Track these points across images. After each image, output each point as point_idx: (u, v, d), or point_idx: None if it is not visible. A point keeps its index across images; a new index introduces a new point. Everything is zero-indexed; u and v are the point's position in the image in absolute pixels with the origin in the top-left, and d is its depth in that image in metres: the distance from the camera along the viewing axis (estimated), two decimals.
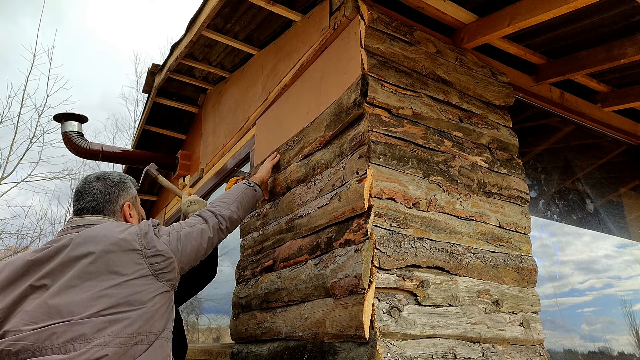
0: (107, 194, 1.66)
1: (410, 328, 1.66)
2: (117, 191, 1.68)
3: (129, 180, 1.76)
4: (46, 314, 1.33)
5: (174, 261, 1.53)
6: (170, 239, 1.57)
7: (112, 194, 1.67)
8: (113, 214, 1.66)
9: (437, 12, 2.17)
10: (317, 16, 2.43)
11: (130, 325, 1.37)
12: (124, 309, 1.38)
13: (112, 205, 1.66)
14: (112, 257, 1.43)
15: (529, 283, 2.11)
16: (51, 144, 12.99)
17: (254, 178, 2.27)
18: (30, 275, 1.42)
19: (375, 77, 1.93)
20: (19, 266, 1.44)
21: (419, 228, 1.84)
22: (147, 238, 1.49)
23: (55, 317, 1.33)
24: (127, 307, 1.38)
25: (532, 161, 3.18)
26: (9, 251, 12.70)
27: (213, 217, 1.81)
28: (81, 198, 1.65)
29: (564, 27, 2.32)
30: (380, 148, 1.83)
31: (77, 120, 3.89)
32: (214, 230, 1.77)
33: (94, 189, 1.65)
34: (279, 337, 2.10)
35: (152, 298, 1.44)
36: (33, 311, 1.34)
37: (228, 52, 3.28)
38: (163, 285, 1.48)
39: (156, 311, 1.44)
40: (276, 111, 2.74)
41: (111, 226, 1.52)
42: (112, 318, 1.35)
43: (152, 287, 1.45)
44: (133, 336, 1.37)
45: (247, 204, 2.05)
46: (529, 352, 1.96)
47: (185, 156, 4.25)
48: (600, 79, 2.83)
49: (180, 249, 1.58)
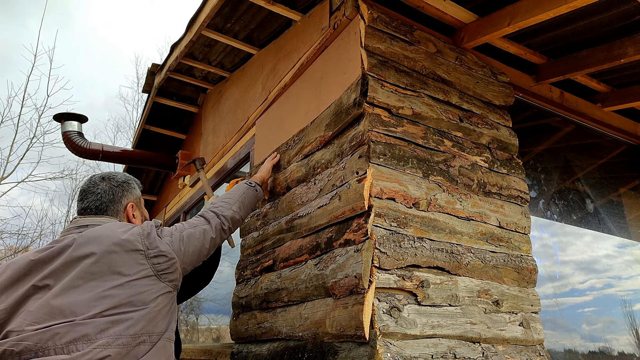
0: (111, 194, 1.66)
1: (410, 328, 1.66)
2: (121, 191, 1.69)
3: (134, 182, 1.76)
4: (49, 314, 1.34)
5: (177, 262, 1.53)
6: (172, 239, 1.57)
7: (116, 194, 1.67)
8: (116, 214, 1.66)
9: (437, 11, 2.17)
10: (317, 16, 2.43)
11: (133, 325, 1.37)
12: (127, 310, 1.38)
13: (116, 206, 1.66)
14: (114, 257, 1.43)
15: (529, 283, 2.11)
16: (51, 144, 13.02)
17: (254, 178, 2.27)
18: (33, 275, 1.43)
19: (375, 77, 1.93)
20: (21, 266, 1.44)
21: (419, 228, 1.84)
22: (149, 238, 1.49)
23: (58, 317, 1.33)
24: (129, 308, 1.39)
25: (532, 161, 3.18)
26: (9, 251, 12.71)
27: (215, 218, 1.81)
28: (85, 197, 1.65)
29: (564, 26, 2.32)
30: (380, 148, 1.83)
31: (77, 120, 3.89)
32: (216, 230, 1.77)
33: (98, 189, 1.66)
34: (279, 337, 2.10)
35: (155, 299, 1.44)
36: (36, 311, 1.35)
37: (228, 51, 3.28)
38: (165, 286, 1.48)
39: (159, 312, 1.44)
40: (276, 111, 2.73)
41: (114, 226, 1.52)
42: (114, 318, 1.35)
43: (154, 287, 1.45)
44: (136, 337, 1.37)
45: (248, 204, 2.05)
46: (529, 352, 1.96)
47: (185, 156, 4.25)
48: (600, 78, 2.82)
49: (183, 249, 1.58)
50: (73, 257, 1.42)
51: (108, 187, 1.67)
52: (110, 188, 1.67)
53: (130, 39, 31.97)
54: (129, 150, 4.34)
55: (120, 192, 1.68)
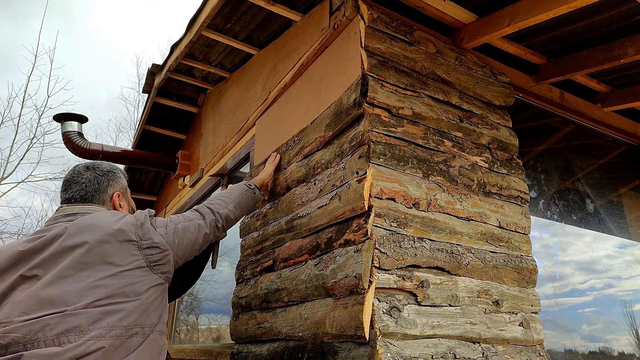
0: (96, 183, 1.63)
1: (410, 328, 1.66)
2: (107, 180, 1.66)
3: (119, 171, 1.74)
4: (38, 305, 1.29)
5: (170, 254, 1.52)
6: (167, 230, 1.56)
7: (102, 184, 1.64)
8: (102, 204, 1.63)
9: (437, 12, 2.16)
10: (317, 16, 2.43)
11: (126, 317, 1.35)
12: (119, 300, 1.35)
13: (101, 195, 1.63)
14: (107, 247, 1.40)
15: (529, 283, 2.11)
16: (52, 144, 13.03)
17: (255, 180, 2.27)
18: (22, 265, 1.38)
19: (375, 77, 1.93)
20: (10, 256, 1.40)
21: (419, 228, 1.84)
22: (143, 229, 1.48)
23: (47, 307, 1.29)
24: (122, 299, 1.36)
25: (532, 161, 3.18)
26: None
27: (210, 214, 1.81)
28: (69, 187, 1.61)
29: (564, 27, 2.32)
30: (380, 148, 1.83)
31: (77, 121, 3.89)
32: (210, 226, 1.78)
33: (83, 178, 1.62)
34: (279, 337, 2.10)
35: (147, 290, 1.42)
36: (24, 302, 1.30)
37: (228, 52, 3.28)
38: (158, 277, 1.47)
39: (151, 303, 1.43)
40: (276, 111, 2.73)
41: (106, 216, 1.49)
42: (107, 309, 1.32)
43: (147, 279, 1.43)
44: (129, 328, 1.35)
45: (245, 205, 2.04)
46: (529, 352, 1.96)
47: (185, 156, 4.25)
48: (600, 79, 2.82)
49: (177, 242, 1.57)
50: (64, 247, 1.39)
51: (93, 177, 1.63)
52: (95, 177, 1.64)
53: (132, 40, 32.01)
54: (129, 151, 4.34)
55: (105, 181, 1.65)
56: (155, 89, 3.87)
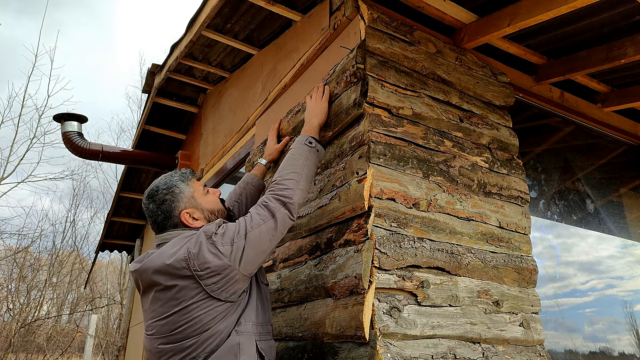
0: (160, 213, 1.62)
1: (410, 328, 1.65)
2: (169, 204, 1.61)
3: (178, 182, 1.64)
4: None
5: (236, 271, 1.47)
6: (233, 248, 1.47)
7: (165, 212, 1.61)
8: (176, 227, 1.62)
9: (437, 12, 2.16)
10: (317, 16, 2.43)
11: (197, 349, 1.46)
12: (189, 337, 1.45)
13: (171, 220, 1.61)
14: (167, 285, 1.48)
15: (529, 283, 2.10)
16: (52, 144, 13.04)
17: (306, 131, 1.93)
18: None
19: (375, 77, 1.93)
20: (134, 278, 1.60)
21: (419, 228, 1.84)
22: (199, 259, 1.44)
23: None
24: (191, 334, 1.45)
25: (532, 161, 3.17)
26: (9, 251, 12.70)
27: (281, 208, 1.60)
28: (147, 218, 1.67)
29: (564, 27, 2.32)
30: (380, 148, 1.83)
31: (77, 121, 3.89)
32: (282, 224, 1.59)
33: (149, 211, 1.64)
34: (278, 337, 2.10)
35: (214, 318, 1.46)
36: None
37: (228, 52, 3.28)
38: (224, 303, 1.48)
39: (216, 328, 1.48)
40: (276, 111, 2.73)
41: (166, 250, 1.52)
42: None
43: (212, 309, 1.47)
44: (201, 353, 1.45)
45: (312, 175, 1.77)
46: (529, 353, 1.96)
47: (185, 156, 4.25)
48: (601, 79, 2.82)
49: (244, 259, 1.48)
50: (145, 283, 1.55)
51: (155, 208, 1.62)
52: (157, 208, 1.62)
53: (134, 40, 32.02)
54: (129, 151, 4.34)
55: (167, 207, 1.61)
56: (155, 89, 3.87)
